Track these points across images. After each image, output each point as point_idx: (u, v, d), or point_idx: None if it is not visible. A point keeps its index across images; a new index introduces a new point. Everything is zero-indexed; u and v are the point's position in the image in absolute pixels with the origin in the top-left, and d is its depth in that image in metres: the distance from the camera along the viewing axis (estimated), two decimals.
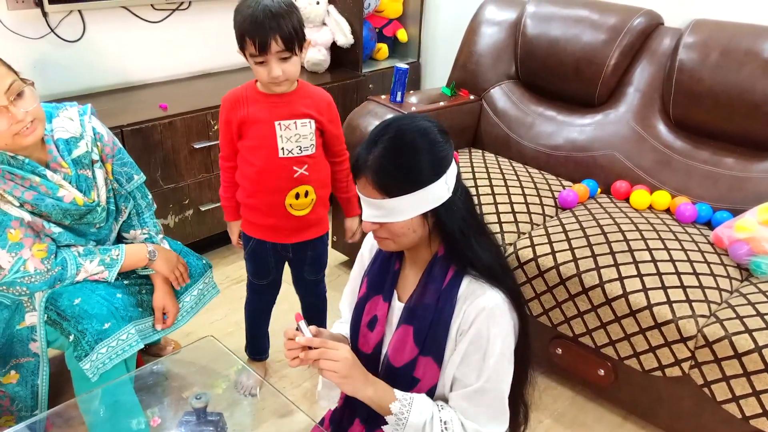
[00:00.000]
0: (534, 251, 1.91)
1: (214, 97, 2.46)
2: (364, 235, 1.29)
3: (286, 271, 1.93)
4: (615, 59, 2.31)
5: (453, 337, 1.13)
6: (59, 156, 1.54)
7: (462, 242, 1.12)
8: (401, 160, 1.06)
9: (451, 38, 3.01)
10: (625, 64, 2.34)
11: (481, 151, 2.56)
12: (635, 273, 1.76)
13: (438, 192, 1.08)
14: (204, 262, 1.89)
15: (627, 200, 2.19)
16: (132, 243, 1.73)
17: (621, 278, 1.76)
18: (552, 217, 2.13)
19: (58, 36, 2.35)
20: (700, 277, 1.76)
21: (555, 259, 1.87)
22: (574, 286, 1.81)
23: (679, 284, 1.73)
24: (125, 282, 1.69)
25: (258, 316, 2.01)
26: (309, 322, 1.15)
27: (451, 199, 1.10)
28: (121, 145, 1.71)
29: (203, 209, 2.53)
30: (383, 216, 1.09)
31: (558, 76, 2.46)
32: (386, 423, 1.12)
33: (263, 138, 1.62)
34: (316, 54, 2.89)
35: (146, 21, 2.57)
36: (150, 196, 1.81)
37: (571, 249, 1.88)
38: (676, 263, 1.79)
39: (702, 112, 2.12)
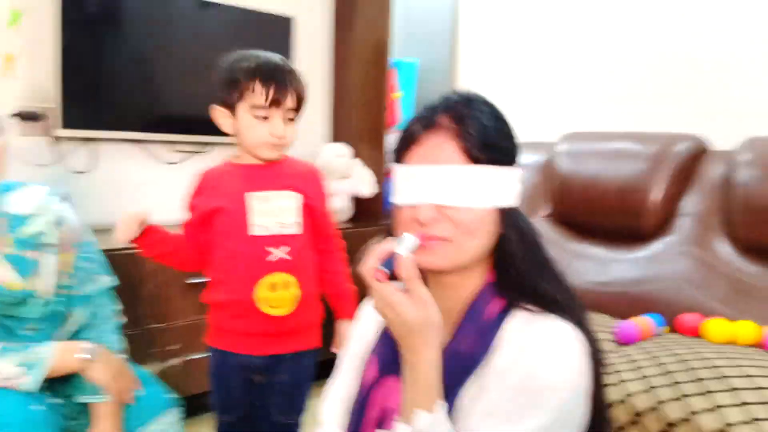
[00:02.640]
0: None
1: None
2: None
3: None
4: (662, 188, 2.08)
5: (472, 392, 0.76)
6: (7, 231, 1.31)
7: (526, 261, 0.83)
8: (503, 120, 0.84)
9: None
10: (674, 192, 2.09)
11: None
12: None
13: (517, 185, 0.84)
14: (169, 397, 1.51)
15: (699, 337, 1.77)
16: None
17: None
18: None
19: (69, 166, 2.27)
20: None
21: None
22: None
23: None
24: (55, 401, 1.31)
25: None
26: None
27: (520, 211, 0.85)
28: (92, 240, 1.47)
29: (193, 359, 2.17)
30: (459, 195, 0.79)
31: (601, 211, 2.21)
32: None
33: (231, 213, 1.36)
34: (338, 202, 2.74)
35: (164, 161, 2.51)
36: (117, 307, 1.51)
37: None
38: None
39: None
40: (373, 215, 2.85)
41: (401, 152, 0.84)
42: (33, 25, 2.16)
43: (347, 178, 2.85)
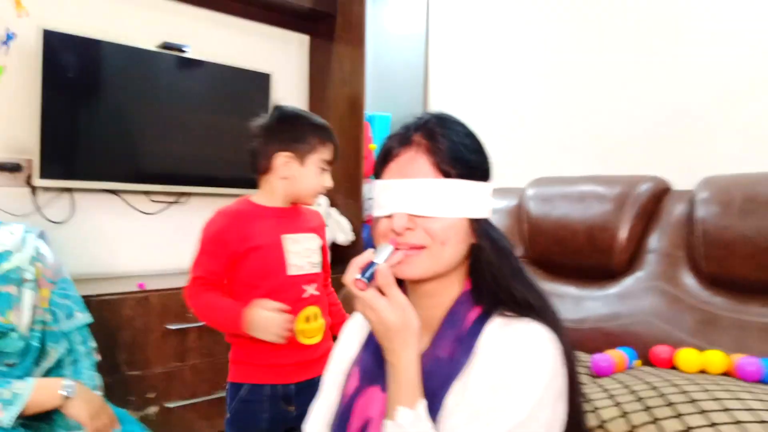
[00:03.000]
0: None
1: None
2: None
3: None
4: (628, 227, 2.16)
5: (455, 395, 0.80)
6: None
7: (500, 268, 0.87)
8: (474, 138, 0.90)
9: None
10: (640, 230, 2.18)
11: None
12: None
13: (487, 198, 0.89)
14: None
15: (672, 368, 1.82)
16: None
17: None
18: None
19: (47, 216, 2.28)
20: None
21: None
22: None
23: None
24: None
25: None
26: None
27: (492, 222, 0.91)
28: (68, 277, 1.49)
29: (171, 406, 2.14)
30: (430, 206, 0.84)
31: (571, 251, 2.28)
32: None
33: (268, 254, 1.45)
34: None
35: (141, 212, 2.53)
36: (93, 344, 1.52)
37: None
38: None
39: (739, 262, 1.88)
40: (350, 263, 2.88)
41: (380, 167, 0.90)
42: (14, 79, 2.22)
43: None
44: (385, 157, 0.89)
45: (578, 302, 2.19)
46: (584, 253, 2.24)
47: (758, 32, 2.21)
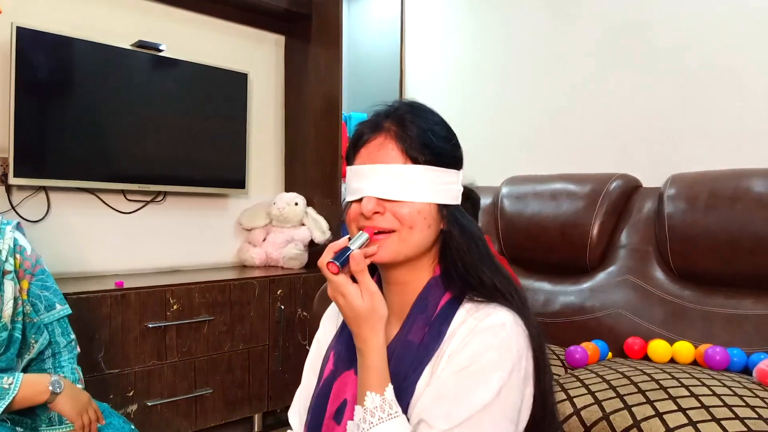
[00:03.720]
0: None
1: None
2: None
3: None
4: (599, 223, 2.23)
5: (426, 379, 0.83)
6: None
7: (469, 254, 0.89)
8: (444, 126, 0.92)
9: None
10: (611, 226, 2.25)
11: None
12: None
13: (457, 186, 0.91)
14: (132, 427, 1.51)
15: (644, 358, 1.89)
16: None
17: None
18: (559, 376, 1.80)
19: (20, 215, 2.26)
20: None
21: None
22: None
23: None
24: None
25: None
26: None
27: (462, 209, 0.92)
28: (47, 269, 1.49)
29: (150, 404, 2.14)
30: (397, 191, 0.85)
31: (544, 247, 2.34)
32: None
33: None
34: (293, 248, 2.79)
35: (116, 211, 2.52)
36: (73, 336, 1.52)
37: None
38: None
39: (704, 256, 1.95)
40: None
41: (351, 153, 0.92)
42: None
43: (302, 226, 2.91)
44: (357, 142, 0.91)
45: (552, 297, 2.25)
46: (557, 249, 2.30)
47: (721, 39, 2.30)
